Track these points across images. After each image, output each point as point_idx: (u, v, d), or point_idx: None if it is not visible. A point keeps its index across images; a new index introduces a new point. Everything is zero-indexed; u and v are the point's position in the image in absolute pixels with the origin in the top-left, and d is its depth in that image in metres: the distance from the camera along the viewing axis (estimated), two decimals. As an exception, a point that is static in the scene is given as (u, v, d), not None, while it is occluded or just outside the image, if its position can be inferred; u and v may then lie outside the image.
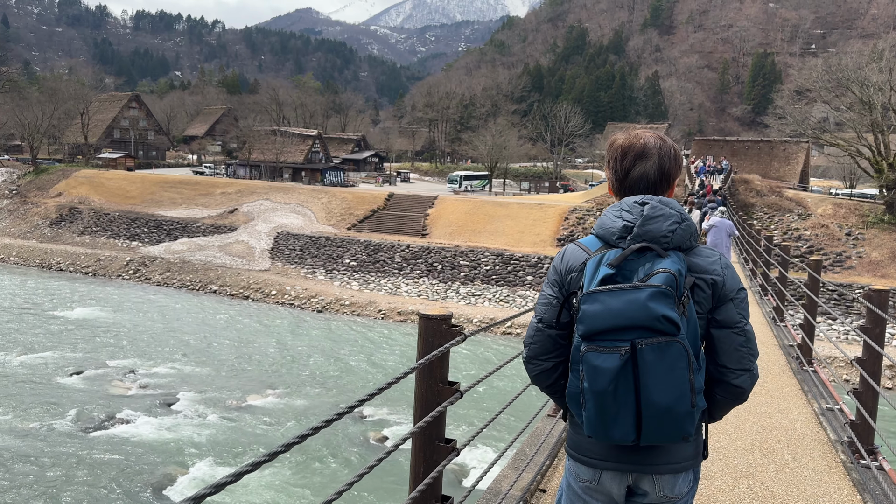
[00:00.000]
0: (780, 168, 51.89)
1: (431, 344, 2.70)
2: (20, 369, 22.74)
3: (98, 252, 42.83)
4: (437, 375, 2.75)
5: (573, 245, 2.19)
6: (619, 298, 1.91)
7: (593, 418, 1.97)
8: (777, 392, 6.56)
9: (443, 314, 2.73)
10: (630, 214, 2.05)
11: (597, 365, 1.91)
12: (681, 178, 45.05)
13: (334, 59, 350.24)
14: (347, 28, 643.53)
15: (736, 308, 2.08)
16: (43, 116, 66.29)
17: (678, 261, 1.98)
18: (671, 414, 1.91)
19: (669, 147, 2.23)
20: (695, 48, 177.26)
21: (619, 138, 2.28)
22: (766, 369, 7.31)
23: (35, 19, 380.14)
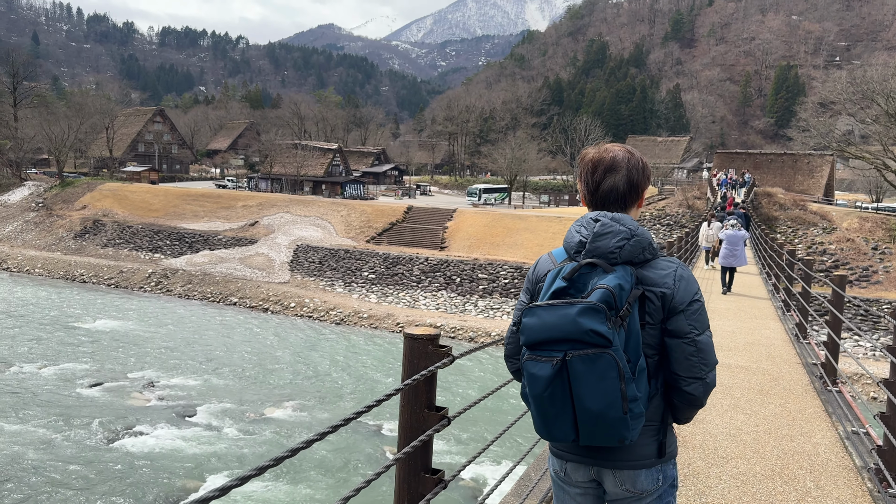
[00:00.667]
0: (804, 181, 51.20)
1: (416, 366, 2.53)
2: (41, 380, 22.96)
3: (121, 264, 43.32)
4: (422, 400, 2.56)
5: (546, 255, 2.38)
6: (553, 313, 2.08)
7: (537, 420, 2.17)
8: (799, 414, 6.32)
9: (429, 334, 2.56)
10: (585, 230, 2.22)
11: (533, 372, 2.11)
12: (703, 192, 44.65)
13: (356, 74, 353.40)
14: (369, 43, 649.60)
15: (686, 319, 2.20)
16: (69, 131, 67.51)
17: (623, 276, 2.12)
18: (604, 419, 2.05)
19: (638, 160, 2.38)
20: (716, 61, 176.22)
21: (589, 152, 2.41)
22: (789, 389, 7.11)
23: (64, 36, 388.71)
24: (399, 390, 2.33)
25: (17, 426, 18.86)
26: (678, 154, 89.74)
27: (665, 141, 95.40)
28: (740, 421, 5.95)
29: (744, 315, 11.25)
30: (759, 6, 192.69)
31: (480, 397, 3.08)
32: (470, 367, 25.83)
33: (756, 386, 7.06)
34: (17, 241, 50.75)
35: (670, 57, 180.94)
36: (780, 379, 7.38)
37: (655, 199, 47.97)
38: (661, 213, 42.30)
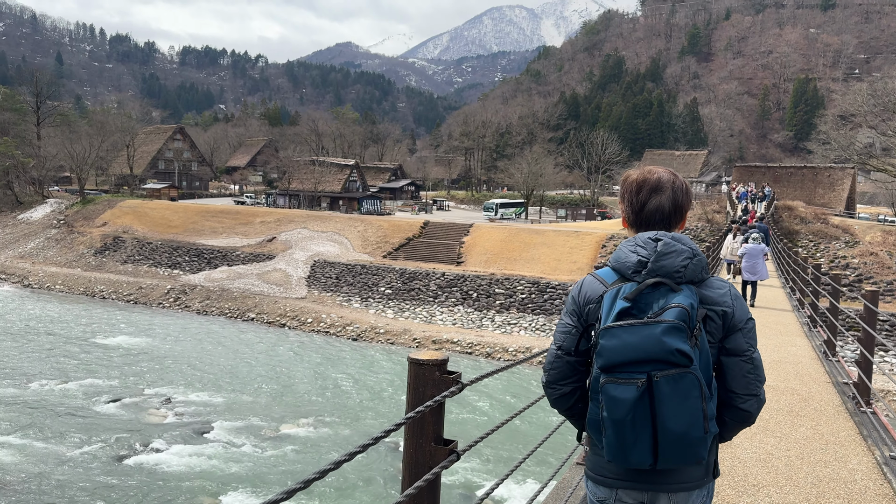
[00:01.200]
0: (825, 194, 50.53)
1: (422, 395, 2.29)
2: (59, 396, 23.05)
3: (140, 280, 43.63)
4: (429, 433, 2.32)
5: (591, 277, 2.32)
6: (636, 333, 2.05)
7: (613, 445, 2.11)
8: (832, 437, 5.98)
9: (436, 359, 2.32)
10: (644, 250, 2.20)
11: (615, 396, 2.06)
12: (722, 205, 44.18)
13: (373, 91, 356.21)
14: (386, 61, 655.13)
15: (744, 337, 2.22)
16: (91, 148, 68.48)
17: (690, 295, 2.13)
18: (686, 440, 2.04)
19: (682, 182, 2.41)
20: (734, 75, 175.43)
21: (633, 174, 2.43)
22: (820, 410, 6.79)
23: (87, 56, 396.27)
24: (403, 422, 2.11)
25: (36, 442, 18.90)
26: (696, 168, 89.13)
27: (683, 155, 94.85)
28: (770, 445, 5.67)
29: (768, 331, 10.85)
30: (777, 20, 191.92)
31: (494, 427, 2.83)
32: (483, 382, 25.57)
33: (785, 407, 6.75)
34: (38, 257, 51.35)
35: (687, 71, 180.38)
36: (810, 399, 7.08)
37: (674, 214, 47.51)
38: (679, 228, 41.85)
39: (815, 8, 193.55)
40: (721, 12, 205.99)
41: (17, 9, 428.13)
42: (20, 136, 73.28)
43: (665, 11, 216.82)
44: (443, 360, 2.31)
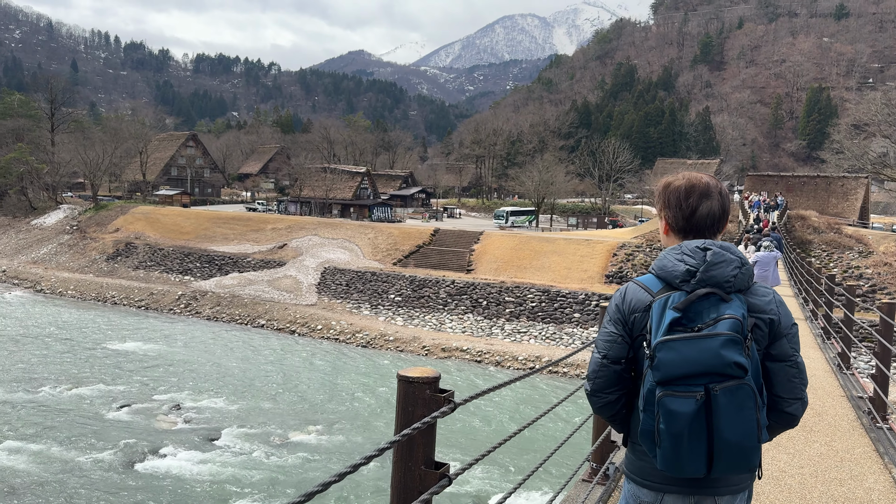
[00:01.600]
0: (839, 204, 50.11)
1: (412, 415, 2.14)
2: (70, 401, 23.13)
3: (151, 286, 43.83)
4: (418, 456, 2.16)
5: (634, 285, 2.29)
6: (693, 347, 2.06)
7: (668, 456, 2.10)
8: (847, 454, 5.73)
9: (427, 376, 2.16)
10: (692, 259, 2.19)
11: (674, 409, 2.05)
12: (734, 214, 43.90)
13: (385, 99, 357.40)
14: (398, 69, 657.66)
15: (789, 343, 2.24)
16: (104, 155, 69.03)
17: (741, 305, 2.13)
18: (741, 449, 2.07)
19: (724, 187, 2.41)
20: (746, 83, 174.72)
21: (675, 179, 2.41)
22: (834, 425, 6.56)
23: (102, 63, 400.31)
24: (388, 446, 1.96)
25: (45, 446, 18.96)
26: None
27: (695, 164, 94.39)
28: (783, 462, 5.46)
29: None
30: (790, 29, 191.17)
31: (491, 448, 2.68)
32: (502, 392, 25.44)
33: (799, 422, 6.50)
34: (51, 262, 51.73)
35: (699, 80, 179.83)
36: (824, 414, 6.85)
37: (685, 223, 47.24)
38: (691, 237, 41.59)
39: (829, 17, 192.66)
40: (734, 21, 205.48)
41: (33, 16, 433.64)
42: (34, 142, 74.02)
43: (677, 20, 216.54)
44: (434, 378, 2.17)
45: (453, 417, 22.64)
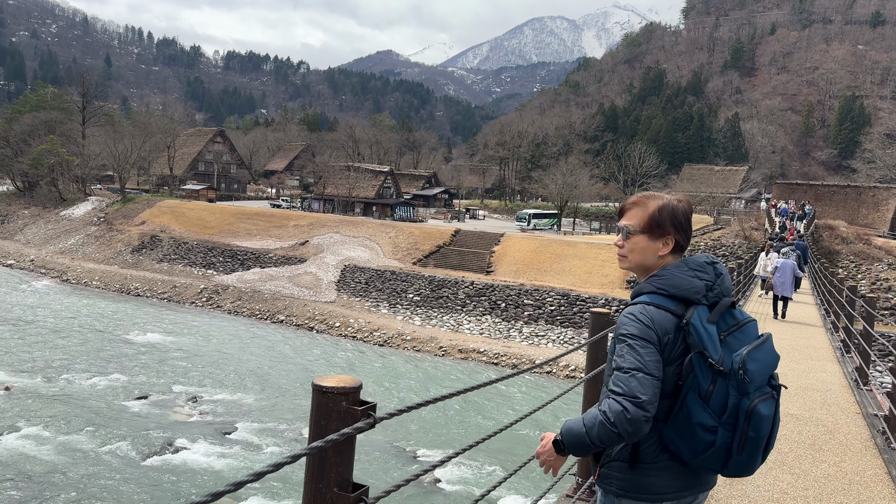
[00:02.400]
0: (869, 214, 49.18)
1: (325, 429, 1.87)
2: (88, 391, 23.43)
3: (174, 279, 44.33)
4: (330, 476, 1.88)
5: (654, 308, 2.30)
6: (765, 352, 2.25)
7: (746, 462, 2.21)
8: (857, 476, 5.32)
9: (345, 386, 1.90)
10: (706, 274, 2.35)
11: (765, 414, 2.17)
12: (760, 222, 43.22)
13: (411, 99, 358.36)
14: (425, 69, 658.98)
15: None
16: (132, 148, 70.03)
17: (741, 309, 2.41)
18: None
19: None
20: (777, 90, 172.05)
21: (677, 203, 2.49)
22: (846, 444, 6.14)
23: (135, 59, 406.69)
24: (285, 462, 1.68)
25: (62, 436, 19.22)
26: (736, 184, 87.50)
27: (722, 170, 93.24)
28: (786, 483, 5.09)
29: (798, 355, 10.32)
30: (824, 35, 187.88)
31: (420, 472, 2.39)
32: (509, 391, 25.33)
33: (808, 439, 6.14)
34: (77, 253, 52.57)
35: (729, 85, 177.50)
36: (836, 432, 6.47)
37: (711, 229, 46.64)
38: (716, 244, 41.07)
39: (865, 24, 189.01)
40: (766, 27, 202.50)
41: (69, 11, 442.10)
42: (66, 134, 75.33)
43: (708, 25, 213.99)
44: (352, 388, 1.91)
45: (452, 419, 22.56)
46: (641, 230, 2.43)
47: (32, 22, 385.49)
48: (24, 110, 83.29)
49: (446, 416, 22.92)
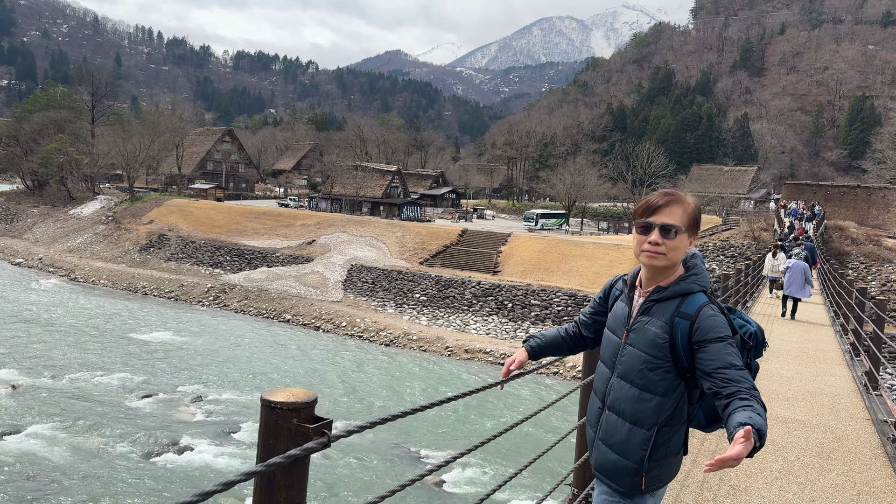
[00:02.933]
0: (879, 215, 48.76)
1: (273, 448, 1.70)
2: (94, 390, 23.46)
3: (181, 278, 44.41)
4: (280, 500, 1.71)
5: (717, 308, 2.49)
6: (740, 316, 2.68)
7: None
8: (866, 486, 5.06)
9: (297, 401, 1.71)
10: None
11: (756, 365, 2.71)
12: (769, 223, 42.91)
13: (420, 99, 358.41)
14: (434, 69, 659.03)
15: None
16: (141, 147, 70.25)
17: None
18: None
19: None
20: (787, 90, 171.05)
21: (697, 200, 2.66)
22: (854, 452, 5.86)
23: (144, 58, 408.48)
24: (230, 483, 1.53)
25: (67, 434, 19.23)
26: (745, 184, 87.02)
27: (731, 170, 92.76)
28: (792, 494, 4.86)
29: (806, 358, 10.08)
30: (834, 35, 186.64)
31: (417, 476, 2.27)
32: (515, 391, 25.20)
33: (815, 447, 5.88)
34: (85, 252, 52.76)
35: (738, 86, 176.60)
36: (845, 439, 6.22)
37: (720, 230, 46.35)
38: (725, 244, 40.80)
39: (875, 24, 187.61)
40: (776, 27, 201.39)
41: (80, 11, 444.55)
42: (75, 133, 75.66)
43: (717, 25, 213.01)
44: (304, 404, 1.72)
45: (449, 420, 22.45)
46: (686, 228, 2.49)
47: (43, 22, 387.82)
48: (34, 109, 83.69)
49: (452, 416, 22.82)
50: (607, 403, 2.59)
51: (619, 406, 2.54)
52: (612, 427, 2.56)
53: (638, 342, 2.51)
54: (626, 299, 2.64)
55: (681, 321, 2.44)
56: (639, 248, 2.53)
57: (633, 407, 2.49)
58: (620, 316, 2.62)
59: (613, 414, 2.56)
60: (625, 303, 2.64)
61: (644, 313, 2.53)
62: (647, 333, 2.49)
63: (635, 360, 2.50)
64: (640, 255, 2.54)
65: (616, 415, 2.55)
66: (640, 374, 2.47)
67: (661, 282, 2.53)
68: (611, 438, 2.56)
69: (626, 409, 2.51)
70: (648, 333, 2.49)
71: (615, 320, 2.65)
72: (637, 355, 2.50)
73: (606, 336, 2.68)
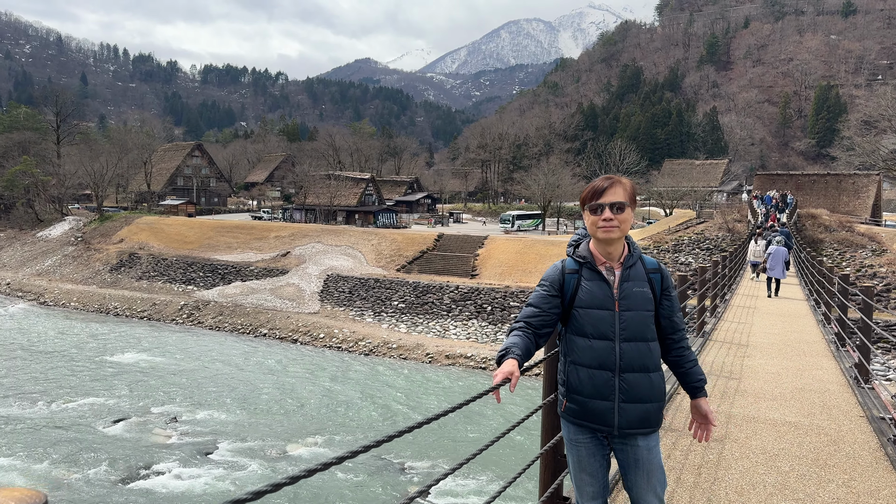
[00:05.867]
0: (850, 202, 49.22)
1: None
2: (65, 416, 22.68)
3: (154, 296, 43.48)
4: None
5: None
6: None
7: None
8: (871, 498, 4.49)
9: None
10: None
11: None
12: (743, 214, 43.09)
13: (391, 106, 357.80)
14: (404, 76, 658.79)
15: None
16: (108, 166, 68.96)
17: None
18: None
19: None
20: (754, 83, 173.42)
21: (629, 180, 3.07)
22: (853, 457, 5.33)
23: (111, 76, 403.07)
24: None
25: (36, 463, 18.50)
26: (717, 177, 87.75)
27: (703, 164, 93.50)
28: None
29: (790, 351, 9.68)
30: (797, 27, 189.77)
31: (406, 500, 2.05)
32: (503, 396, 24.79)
33: (810, 454, 5.35)
34: (55, 274, 51.53)
35: (706, 80, 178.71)
36: (841, 442, 5.68)
37: (694, 223, 46.48)
38: (699, 237, 40.85)
39: (836, 14, 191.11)
40: (740, 21, 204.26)
41: (42, 31, 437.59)
42: (40, 154, 74.15)
43: (683, 21, 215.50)
44: None
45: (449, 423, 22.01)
46: (629, 203, 2.89)
47: (6, 43, 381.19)
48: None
49: (434, 424, 22.39)
50: (621, 368, 2.84)
51: (637, 363, 2.84)
52: (636, 383, 2.84)
53: (634, 305, 2.86)
54: (596, 276, 2.91)
55: (654, 276, 2.96)
56: (594, 227, 2.90)
57: (651, 357, 2.87)
58: (601, 292, 2.89)
59: (632, 373, 2.84)
60: (597, 280, 2.91)
61: (626, 280, 2.89)
62: (639, 295, 2.88)
63: (638, 320, 2.86)
64: (596, 232, 2.89)
65: (636, 372, 2.84)
66: (645, 329, 2.87)
67: (618, 252, 2.93)
68: (637, 394, 2.84)
69: (646, 363, 2.85)
70: (640, 294, 2.88)
71: (595, 297, 2.89)
72: (638, 315, 2.86)
73: (590, 314, 2.88)
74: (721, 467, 4.91)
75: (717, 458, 5.11)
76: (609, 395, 2.84)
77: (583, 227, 3.09)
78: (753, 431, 5.84)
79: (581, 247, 3.02)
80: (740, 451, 5.31)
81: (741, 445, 5.45)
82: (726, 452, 5.25)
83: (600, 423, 2.86)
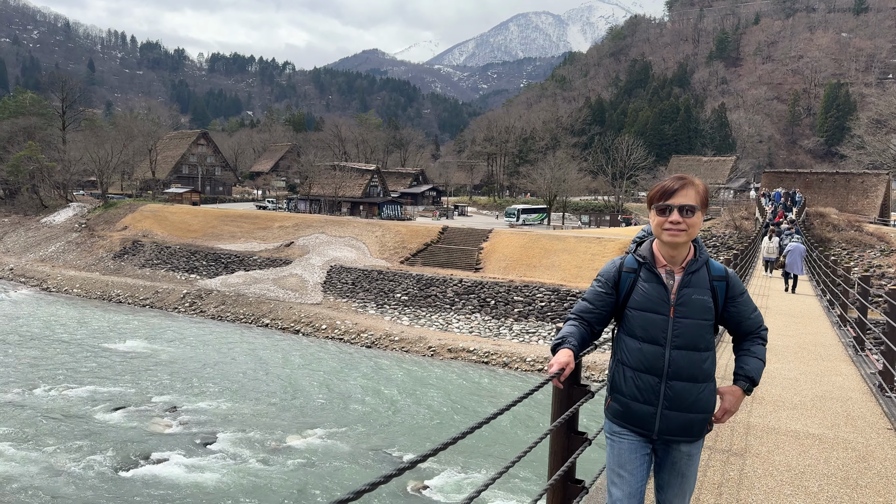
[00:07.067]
0: (858, 201, 48.72)
1: None
2: (64, 403, 22.53)
3: (156, 284, 43.33)
4: None
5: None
6: None
7: None
8: None
9: None
10: None
11: None
12: (751, 212, 42.68)
13: (398, 98, 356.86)
14: (412, 67, 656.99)
15: None
16: (113, 153, 68.75)
17: None
18: None
19: None
20: (763, 80, 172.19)
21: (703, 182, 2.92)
22: (885, 477, 4.90)
23: (118, 63, 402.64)
24: None
25: (35, 451, 18.34)
26: (724, 174, 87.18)
27: (710, 161, 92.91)
28: None
29: (806, 354, 9.32)
30: (808, 24, 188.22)
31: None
32: (500, 390, 24.60)
33: (838, 471, 4.91)
34: (58, 261, 51.43)
35: (715, 76, 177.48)
36: (870, 458, 5.22)
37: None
38: (706, 234, 40.48)
39: (848, 12, 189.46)
40: (750, 17, 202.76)
41: (51, 17, 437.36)
42: (46, 140, 73.96)
43: (693, 16, 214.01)
44: None
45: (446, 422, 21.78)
46: (700, 207, 2.77)
47: (13, 28, 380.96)
48: (3, 117, 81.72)
49: (436, 420, 22.18)
50: (668, 374, 2.74)
51: (687, 372, 2.74)
52: (684, 392, 2.74)
53: (691, 313, 2.75)
54: (654, 279, 2.80)
55: (719, 284, 2.83)
56: (659, 228, 2.76)
57: (701, 368, 2.75)
58: (657, 295, 2.77)
59: (681, 382, 2.73)
60: (654, 283, 2.80)
61: (686, 286, 2.77)
62: (698, 303, 2.76)
63: (694, 328, 2.74)
64: (661, 234, 2.76)
65: (685, 381, 2.74)
66: (700, 338, 2.74)
67: (682, 256, 2.80)
68: (683, 403, 2.74)
69: (696, 373, 2.74)
70: (699, 303, 2.76)
71: (650, 300, 2.78)
72: (694, 324, 2.74)
73: (643, 317, 2.78)
74: (743, 486, 4.54)
75: (739, 475, 4.75)
76: (653, 401, 2.77)
77: (648, 225, 2.94)
78: (775, 445, 5.48)
79: (643, 245, 2.90)
80: (763, 467, 4.95)
81: (763, 461, 5.08)
82: (748, 469, 4.89)
83: (641, 426, 2.80)
